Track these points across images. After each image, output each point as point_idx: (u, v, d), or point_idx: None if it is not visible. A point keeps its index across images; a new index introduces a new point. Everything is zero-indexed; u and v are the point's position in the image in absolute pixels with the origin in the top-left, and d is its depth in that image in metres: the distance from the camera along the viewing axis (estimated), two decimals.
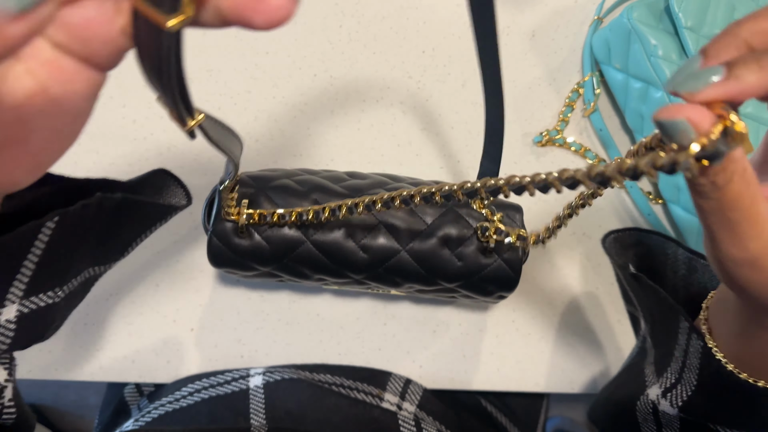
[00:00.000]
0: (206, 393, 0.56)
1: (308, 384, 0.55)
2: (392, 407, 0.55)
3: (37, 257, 0.33)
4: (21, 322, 0.35)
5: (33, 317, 0.35)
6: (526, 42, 0.63)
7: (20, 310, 0.34)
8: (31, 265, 0.33)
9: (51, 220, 0.33)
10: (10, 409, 0.38)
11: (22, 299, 0.34)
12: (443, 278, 0.47)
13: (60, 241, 0.34)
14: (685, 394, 0.39)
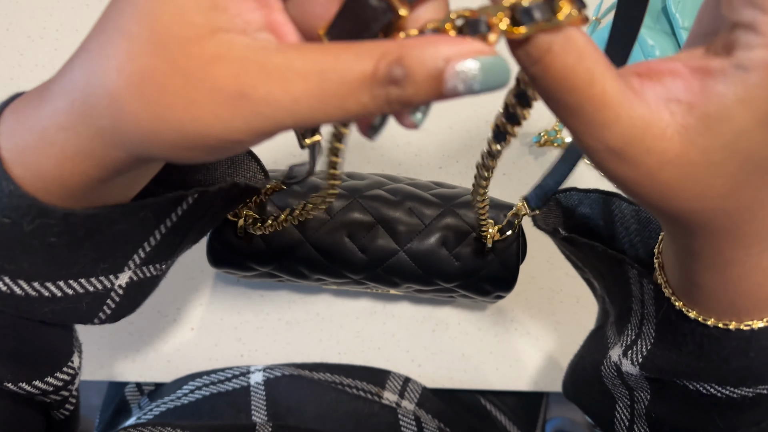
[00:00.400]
0: (207, 390, 0.57)
1: (308, 381, 0.56)
2: (392, 404, 0.56)
3: (166, 228, 0.33)
4: (128, 290, 0.34)
5: (138, 286, 0.35)
6: None
7: (131, 278, 0.34)
8: (158, 235, 0.33)
9: (192, 196, 0.32)
10: (73, 400, 0.37)
11: (138, 267, 0.34)
12: (441, 278, 0.48)
13: (187, 217, 0.34)
14: (645, 348, 0.35)
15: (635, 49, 0.56)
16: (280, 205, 0.47)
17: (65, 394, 0.35)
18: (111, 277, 0.32)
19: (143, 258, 0.34)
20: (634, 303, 0.36)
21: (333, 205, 0.47)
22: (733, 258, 0.27)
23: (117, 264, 0.32)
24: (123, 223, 0.30)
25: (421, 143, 0.62)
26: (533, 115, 0.64)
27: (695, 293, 0.31)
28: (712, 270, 0.29)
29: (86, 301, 0.32)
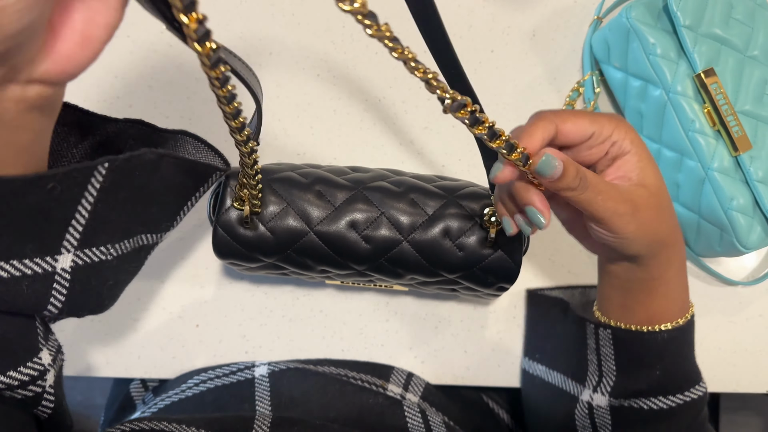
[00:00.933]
0: (212, 383, 0.57)
1: (313, 373, 0.56)
2: (396, 396, 0.56)
3: (91, 204, 0.34)
4: (76, 274, 0.35)
5: (87, 271, 0.35)
6: (527, 42, 0.64)
7: (75, 261, 0.35)
8: (85, 212, 0.33)
9: (102, 165, 0.33)
10: (50, 397, 0.37)
11: (77, 249, 0.34)
12: (444, 268, 0.48)
13: (112, 191, 0.34)
14: (611, 380, 0.48)
15: (635, 48, 0.56)
16: (283, 194, 0.47)
17: (35, 389, 0.35)
18: (48, 259, 0.33)
19: (79, 239, 0.34)
20: (590, 354, 0.50)
21: (337, 196, 0.47)
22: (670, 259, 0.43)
23: (47, 244, 0.33)
24: (32, 196, 0.31)
25: (423, 142, 0.63)
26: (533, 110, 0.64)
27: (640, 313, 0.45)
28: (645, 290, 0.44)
29: (25, 284, 0.32)
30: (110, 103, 0.61)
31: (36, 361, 0.35)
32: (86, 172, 0.32)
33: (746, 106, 0.56)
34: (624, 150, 0.40)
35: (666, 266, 0.43)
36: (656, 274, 0.43)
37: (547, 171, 0.36)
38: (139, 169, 0.36)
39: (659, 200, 0.41)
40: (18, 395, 0.34)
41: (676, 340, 0.45)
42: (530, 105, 0.64)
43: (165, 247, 0.60)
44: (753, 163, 0.55)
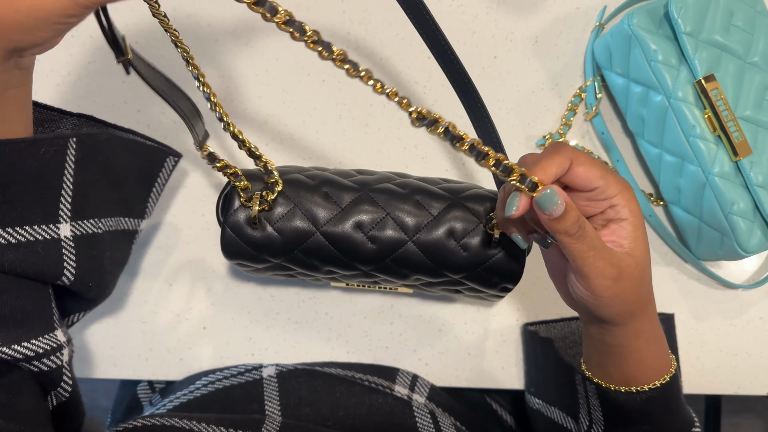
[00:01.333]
0: (220, 384, 0.58)
1: (320, 374, 0.57)
2: (404, 397, 0.57)
3: (72, 176, 0.40)
4: (77, 243, 0.41)
5: (86, 241, 0.42)
6: (529, 48, 0.65)
7: (73, 231, 0.41)
8: (69, 183, 0.40)
9: (71, 138, 0.40)
10: (68, 375, 0.42)
11: (72, 220, 0.41)
12: (449, 269, 0.49)
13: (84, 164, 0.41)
14: (601, 429, 0.49)
15: (637, 54, 0.57)
16: (290, 196, 0.48)
17: (54, 362, 0.40)
18: (51, 226, 0.39)
19: (71, 209, 0.41)
20: (581, 398, 0.51)
21: (343, 198, 0.48)
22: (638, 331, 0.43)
23: (49, 212, 0.39)
24: (31, 159, 0.37)
25: (427, 146, 0.63)
26: (538, 118, 0.65)
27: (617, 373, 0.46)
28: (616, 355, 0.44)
29: (41, 247, 0.38)
30: (118, 107, 0.62)
31: (52, 336, 0.40)
32: (63, 140, 0.39)
33: (746, 111, 0.56)
34: (621, 216, 0.40)
35: (633, 336, 0.43)
36: (624, 342, 0.44)
37: (548, 206, 0.37)
38: (100, 147, 0.43)
39: (642, 273, 0.41)
40: (35, 368, 0.39)
41: (657, 400, 0.45)
42: (533, 110, 0.64)
43: (172, 250, 0.61)
44: (753, 168, 0.56)
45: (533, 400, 0.60)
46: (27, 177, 0.37)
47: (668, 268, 0.64)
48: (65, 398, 0.43)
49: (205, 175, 0.62)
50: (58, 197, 0.40)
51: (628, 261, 0.40)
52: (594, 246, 0.38)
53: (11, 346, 0.37)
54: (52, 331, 0.40)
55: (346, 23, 0.64)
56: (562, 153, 0.38)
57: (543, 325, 0.61)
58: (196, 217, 0.61)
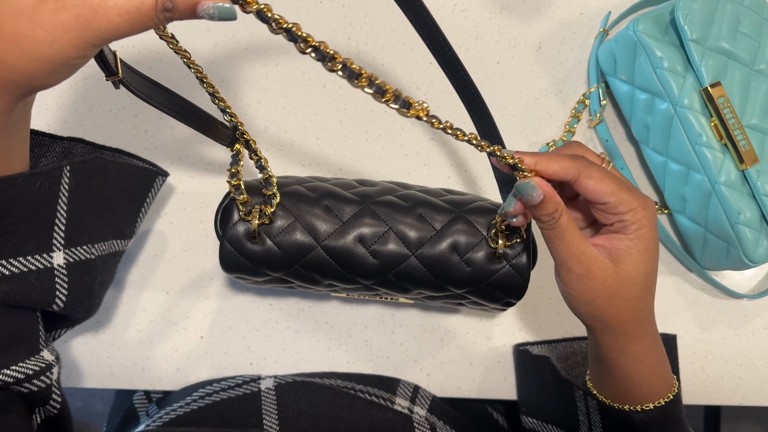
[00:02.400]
0: (218, 396, 0.57)
1: (320, 386, 0.56)
2: (404, 410, 0.56)
3: (66, 204, 0.41)
4: (70, 270, 0.41)
5: (78, 269, 0.42)
6: (533, 54, 0.64)
7: (66, 259, 0.41)
8: (63, 212, 0.40)
9: (65, 167, 0.40)
10: (57, 392, 0.42)
11: (65, 248, 0.41)
12: (452, 284, 0.48)
13: (78, 192, 0.42)
14: None
15: (642, 61, 0.56)
16: (290, 209, 0.47)
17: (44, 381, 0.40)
18: (45, 255, 0.40)
19: (64, 237, 0.41)
20: (581, 416, 0.52)
21: (345, 211, 0.47)
22: (640, 349, 0.43)
23: (42, 241, 0.39)
24: (27, 192, 0.37)
25: (429, 153, 0.63)
26: (541, 125, 0.64)
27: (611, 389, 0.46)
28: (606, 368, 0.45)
29: (34, 278, 0.39)
30: (115, 113, 0.61)
31: (38, 357, 0.40)
32: (58, 170, 0.40)
33: (753, 119, 0.56)
34: (625, 232, 0.41)
35: (618, 353, 0.43)
36: (610, 356, 0.44)
37: (524, 194, 0.39)
38: (93, 173, 0.43)
39: (620, 287, 0.41)
40: (25, 389, 0.39)
41: (655, 421, 0.45)
42: (536, 116, 0.63)
43: (170, 258, 0.60)
44: (760, 177, 0.55)
45: (527, 419, 0.60)
46: (22, 209, 0.37)
47: (673, 277, 0.64)
48: (54, 413, 0.43)
49: (202, 182, 0.61)
50: (51, 226, 0.40)
51: (605, 266, 0.41)
52: (563, 237, 0.40)
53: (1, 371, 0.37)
54: (38, 352, 0.40)
55: (348, 27, 0.63)
56: (573, 160, 0.39)
57: (542, 345, 0.61)
58: (194, 224, 0.60)
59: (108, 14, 0.31)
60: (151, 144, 0.61)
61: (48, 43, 0.30)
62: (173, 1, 0.31)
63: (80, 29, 0.30)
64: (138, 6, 0.31)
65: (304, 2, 0.63)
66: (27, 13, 0.30)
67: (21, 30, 0.30)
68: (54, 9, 0.30)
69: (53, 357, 0.41)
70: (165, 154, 0.61)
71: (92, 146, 0.48)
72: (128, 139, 0.61)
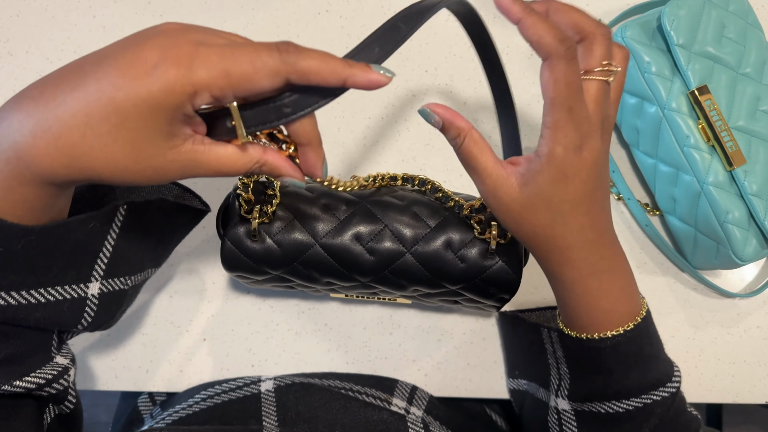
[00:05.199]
0: (219, 398, 0.58)
1: (318, 388, 0.57)
2: (400, 411, 0.57)
3: (114, 240, 0.41)
4: (102, 299, 0.42)
5: (109, 298, 0.43)
6: (525, 61, 0.66)
7: (101, 289, 0.42)
8: (110, 246, 0.41)
9: (122, 206, 0.41)
10: (73, 393, 0.43)
11: (103, 279, 0.41)
12: (447, 280, 0.49)
13: (129, 229, 0.43)
14: (567, 383, 0.48)
15: (631, 66, 0.58)
16: (289, 208, 0.49)
17: (62, 384, 0.41)
18: (82, 285, 0.40)
19: (104, 269, 0.41)
20: (550, 358, 0.51)
21: (342, 209, 0.49)
22: (571, 277, 0.42)
23: (82, 273, 0.40)
24: (78, 232, 0.38)
25: (425, 158, 0.64)
26: (534, 131, 0.66)
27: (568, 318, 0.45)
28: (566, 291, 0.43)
29: (66, 306, 0.39)
30: None
31: (53, 364, 0.40)
32: (113, 211, 0.41)
33: (739, 121, 0.57)
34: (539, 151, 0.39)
35: (552, 278, 0.43)
36: (550, 281, 0.44)
37: (425, 119, 0.41)
38: (150, 212, 0.44)
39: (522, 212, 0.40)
40: (45, 393, 0.40)
41: (606, 351, 0.43)
42: (528, 122, 0.65)
43: (173, 262, 0.61)
44: (747, 177, 0.57)
45: (519, 382, 0.59)
46: (70, 246, 0.38)
47: (665, 277, 0.65)
48: (66, 412, 0.44)
49: (205, 187, 0.62)
50: (95, 259, 0.40)
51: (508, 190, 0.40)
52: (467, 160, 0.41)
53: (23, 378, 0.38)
54: (51, 359, 0.40)
55: (344, 37, 0.65)
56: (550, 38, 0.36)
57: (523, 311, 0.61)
58: (197, 229, 0.62)
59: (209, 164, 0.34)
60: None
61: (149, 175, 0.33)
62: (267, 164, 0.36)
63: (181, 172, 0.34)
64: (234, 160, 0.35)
65: (302, 14, 0.65)
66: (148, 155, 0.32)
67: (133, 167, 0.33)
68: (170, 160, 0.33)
69: (68, 360, 0.42)
70: None
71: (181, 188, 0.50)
72: None
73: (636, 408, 0.45)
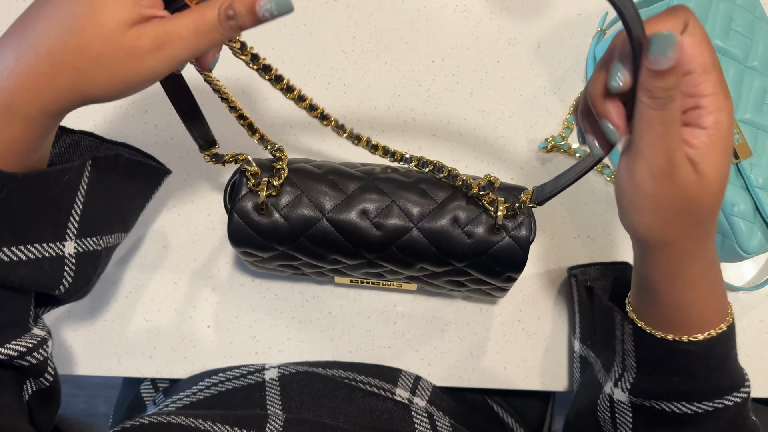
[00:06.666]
0: (223, 386, 0.58)
1: (322, 377, 0.57)
2: (404, 401, 0.57)
3: (83, 196, 0.42)
4: (78, 259, 0.43)
5: (85, 258, 0.44)
6: (532, 53, 0.66)
7: (77, 248, 0.43)
8: (80, 203, 0.42)
9: (88, 161, 0.42)
10: (52, 366, 0.43)
11: (77, 237, 0.42)
12: (453, 256, 0.49)
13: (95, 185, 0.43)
14: (631, 377, 0.46)
15: None
16: (297, 183, 0.49)
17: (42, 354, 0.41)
18: (59, 243, 0.41)
19: (77, 228, 0.42)
20: (617, 345, 0.48)
21: (349, 185, 0.49)
22: (697, 273, 0.39)
23: (59, 231, 0.41)
24: (55, 186, 0.39)
25: (431, 148, 0.64)
26: (540, 122, 0.66)
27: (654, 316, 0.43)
28: (685, 288, 0.40)
29: (47, 265, 0.40)
30: (125, 108, 0.62)
31: (31, 335, 0.41)
32: (83, 165, 0.42)
33: (746, 114, 0.57)
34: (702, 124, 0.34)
35: (668, 276, 0.40)
36: (659, 279, 0.40)
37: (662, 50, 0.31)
38: (110, 169, 0.45)
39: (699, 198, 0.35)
40: (26, 362, 0.40)
41: (695, 355, 0.42)
42: (535, 114, 0.65)
43: (178, 249, 0.61)
44: (753, 170, 0.57)
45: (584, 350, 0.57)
46: (49, 201, 0.39)
47: None
48: (46, 386, 0.44)
49: (210, 175, 0.62)
50: (68, 216, 0.41)
51: (687, 172, 0.34)
52: (666, 124, 0.33)
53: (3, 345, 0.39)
54: (29, 330, 0.41)
55: (352, 27, 0.65)
56: (676, 15, 0.33)
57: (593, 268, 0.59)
58: (202, 216, 0.62)
59: (179, 33, 0.34)
60: (160, 139, 0.63)
61: (128, 65, 0.34)
62: (233, 8, 0.34)
63: (157, 51, 0.34)
64: (203, 19, 0.34)
65: (310, 2, 0.65)
66: (113, 39, 0.33)
67: (106, 52, 0.33)
68: (136, 36, 0.34)
69: (44, 332, 0.43)
70: (174, 148, 0.62)
71: (100, 140, 0.49)
72: (138, 134, 0.63)
73: (706, 411, 0.43)
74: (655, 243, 0.38)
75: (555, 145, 0.64)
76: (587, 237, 0.64)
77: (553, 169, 0.65)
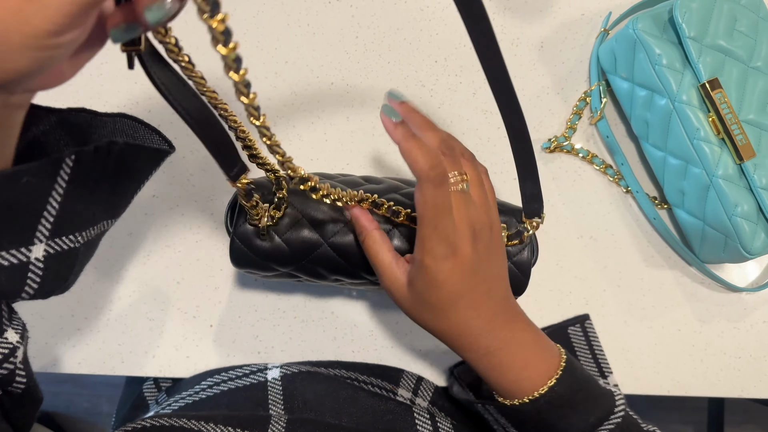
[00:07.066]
0: (225, 386, 0.58)
1: (324, 377, 0.57)
2: (406, 401, 0.57)
3: (61, 196, 0.36)
4: (48, 263, 0.37)
5: (58, 260, 0.38)
6: (535, 53, 0.66)
7: (47, 250, 0.37)
8: (56, 204, 0.36)
9: (69, 157, 0.36)
10: (21, 373, 0.39)
11: (48, 239, 0.37)
12: None
13: (79, 182, 0.37)
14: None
15: (642, 59, 0.58)
16: (298, 206, 0.48)
17: (7, 367, 0.38)
18: (23, 249, 0.35)
19: (50, 229, 0.37)
20: (495, 426, 0.52)
21: None
22: (470, 359, 0.46)
23: (21, 236, 0.35)
24: (7, 191, 0.33)
25: None
26: (543, 122, 0.66)
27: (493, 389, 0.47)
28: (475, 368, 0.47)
29: (3, 276, 0.35)
30: (130, 108, 0.63)
31: (2, 342, 0.37)
32: (56, 164, 0.35)
33: (750, 115, 0.57)
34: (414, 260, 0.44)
35: (464, 354, 0.46)
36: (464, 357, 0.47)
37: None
38: (100, 158, 0.38)
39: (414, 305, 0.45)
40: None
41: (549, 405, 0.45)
42: (538, 114, 0.65)
43: (182, 249, 0.61)
44: (757, 170, 0.57)
45: None
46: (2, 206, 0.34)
47: (672, 271, 0.65)
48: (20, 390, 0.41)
49: (213, 175, 0.62)
50: (38, 219, 0.36)
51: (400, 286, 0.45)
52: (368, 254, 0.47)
53: None
54: (1, 335, 0.38)
55: (355, 27, 0.65)
56: None
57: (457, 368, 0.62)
58: (205, 216, 0.62)
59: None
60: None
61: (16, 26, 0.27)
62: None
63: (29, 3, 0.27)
64: None
65: (313, 2, 0.65)
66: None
67: None
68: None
69: (18, 337, 0.39)
70: (178, 148, 0.62)
71: (92, 114, 0.43)
72: None
73: None
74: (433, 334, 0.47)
75: (558, 146, 0.64)
76: (590, 237, 0.64)
77: (555, 170, 0.65)
